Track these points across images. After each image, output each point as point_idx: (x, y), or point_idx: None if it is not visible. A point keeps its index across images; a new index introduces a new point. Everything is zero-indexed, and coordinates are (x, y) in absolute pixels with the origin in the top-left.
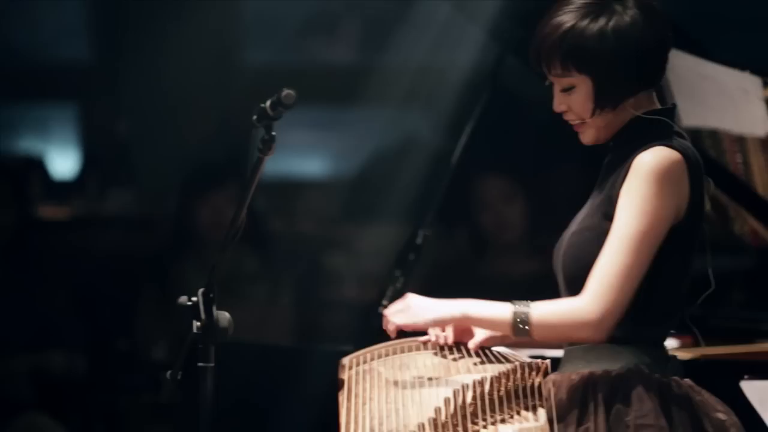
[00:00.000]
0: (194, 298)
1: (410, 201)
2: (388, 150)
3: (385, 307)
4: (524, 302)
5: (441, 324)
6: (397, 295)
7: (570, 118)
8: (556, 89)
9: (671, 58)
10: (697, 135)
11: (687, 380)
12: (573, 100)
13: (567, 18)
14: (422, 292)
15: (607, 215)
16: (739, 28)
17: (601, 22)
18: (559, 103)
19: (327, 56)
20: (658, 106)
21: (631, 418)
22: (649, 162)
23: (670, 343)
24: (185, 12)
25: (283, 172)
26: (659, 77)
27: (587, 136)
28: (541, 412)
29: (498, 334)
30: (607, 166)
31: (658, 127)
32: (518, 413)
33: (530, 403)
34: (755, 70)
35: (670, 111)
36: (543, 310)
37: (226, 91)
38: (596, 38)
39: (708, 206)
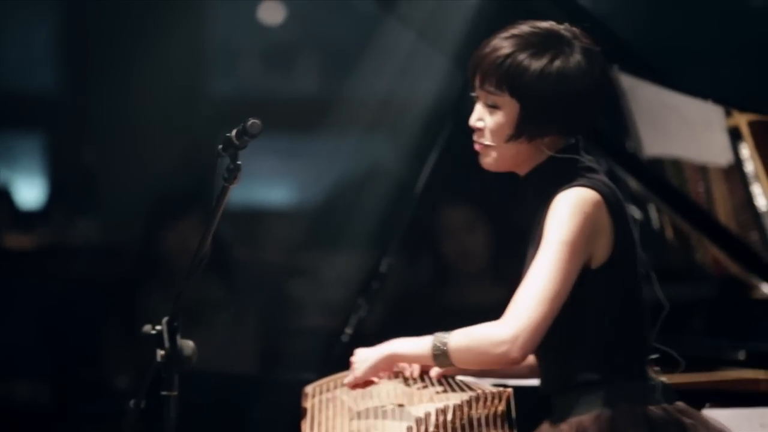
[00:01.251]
0: (158, 327)
1: (374, 229)
2: (353, 178)
3: (349, 335)
4: (447, 332)
5: (377, 370)
6: (361, 323)
7: (480, 138)
8: (480, 103)
9: (635, 87)
10: (659, 164)
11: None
12: (493, 119)
13: (510, 43)
14: (386, 320)
15: None
16: (701, 58)
17: (546, 58)
18: (478, 118)
19: (292, 85)
20: (570, 140)
21: None
22: (565, 199)
23: None
24: (151, 41)
25: (249, 200)
26: (584, 128)
27: (488, 160)
28: None
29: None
30: (531, 221)
31: (570, 166)
32: None
33: None
34: (718, 100)
35: (577, 146)
36: (459, 335)
37: (192, 120)
38: (537, 72)
39: (671, 234)
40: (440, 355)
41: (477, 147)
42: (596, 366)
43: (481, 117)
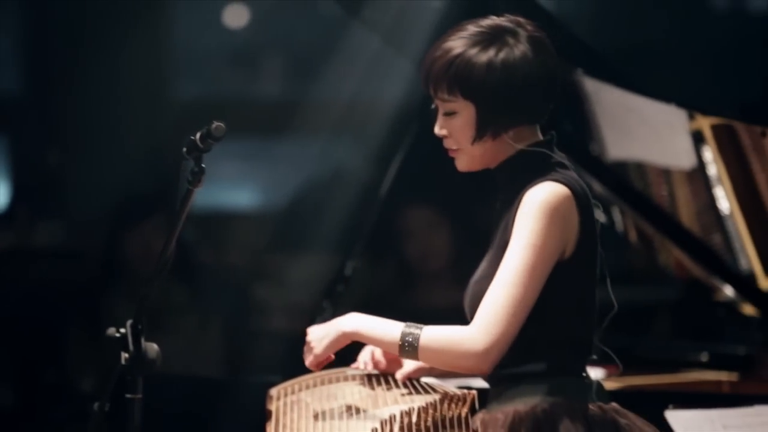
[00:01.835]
0: (123, 330)
1: (339, 232)
2: (318, 181)
3: None
4: (417, 325)
5: (338, 345)
6: None
7: (448, 144)
8: (440, 113)
9: (599, 91)
10: (623, 167)
11: (612, 404)
12: (454, 125)
13: (457, 44)
14: None
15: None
16: (664, 62)
17: (491, 52)
18: (441, 127)
19: (256, 88)
20: (539, 137)
21: None
22: (538, 198)
23: (596, 374)
24: (116, 44)
25: (213, 203)
26: (543, 114)
27: (461, 163)
28: None
29: (426, 365)
30: (499, 210)
31: (540, 160)
32: None
33: None
34: (681, 103)
35: (550, 142)
36: (431, 335)
37: (156, 123)
38: (484, 68)
39: (634, 237)
40: (407, 350)
41: (449, 153)
42: (539, 360)
43: (443, 125)
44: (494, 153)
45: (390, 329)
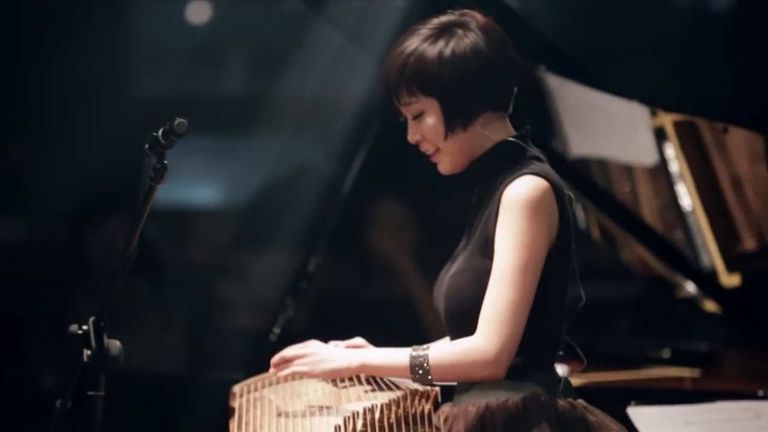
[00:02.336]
0: (85, 327)
1: (302, 229)
2: (281, 178)
3: (277, 335)
4: (422, 346)
5: (339, 375)
6: (289, 322)
7: (426, 148)
8: (409, 120)
9: (561, 87)
10: (585, 163)
11: (580, 401)
12: (424, 126)
13: (408, 44)
14: (314, 320)
15: (484, 254)
16: (627, 58)
17: (440, 44)
18: (413, 133)
19: (219, 85)
20: (512, 131)
21: None
22: (520, 193)
23: (559, 370)
24: (77, 40)
25: (176, 200)
26: (507, 99)
27: (444, 165)
28: None
29: None
30: (475, 204)
31: (517, 153)
32: None
33: (420, 430)
34: (643, 100)
35: (525, 136)
36: (440, 353)
37: (118, 120)
38: (435, 60)
39: (597, 234)
40: (420, 373)
41: (431, 159)
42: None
43: (415, 130)
44: (471, 147)
45: (397, 357)
